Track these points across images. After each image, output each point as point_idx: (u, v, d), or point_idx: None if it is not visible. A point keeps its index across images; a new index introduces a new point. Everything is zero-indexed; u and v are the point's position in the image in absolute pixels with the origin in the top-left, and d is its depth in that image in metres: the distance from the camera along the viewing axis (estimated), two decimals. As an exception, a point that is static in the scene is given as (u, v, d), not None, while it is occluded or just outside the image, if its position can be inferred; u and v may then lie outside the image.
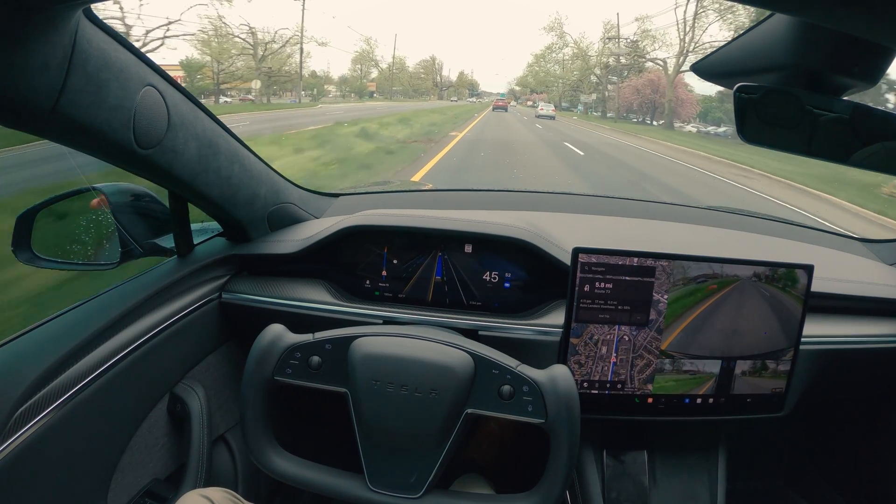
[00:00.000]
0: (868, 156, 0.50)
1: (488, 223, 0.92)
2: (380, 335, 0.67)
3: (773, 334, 0.82)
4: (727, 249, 1.08)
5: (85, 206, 0.79)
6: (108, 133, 0.57)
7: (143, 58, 0.61)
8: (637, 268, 0.79)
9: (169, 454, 0.83)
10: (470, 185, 5.90)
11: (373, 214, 0.96)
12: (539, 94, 34.93)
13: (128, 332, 0.74)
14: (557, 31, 28.41)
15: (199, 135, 0.73)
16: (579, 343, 0.81)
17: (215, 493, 0.65)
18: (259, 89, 22.20)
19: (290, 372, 0.66)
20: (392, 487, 0.64)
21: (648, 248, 0.80)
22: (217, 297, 0.92)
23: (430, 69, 41.05)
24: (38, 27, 0.44)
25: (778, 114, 0.49)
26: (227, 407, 0.96)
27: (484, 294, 0.94)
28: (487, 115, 22.92)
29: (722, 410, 0.85)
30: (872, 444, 1.13)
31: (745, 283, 0.80)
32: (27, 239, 0.75)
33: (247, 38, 21.31)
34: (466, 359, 0.65)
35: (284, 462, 0.67)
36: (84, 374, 0.66)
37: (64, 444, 0.64)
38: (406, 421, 0.63)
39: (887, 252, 1.15)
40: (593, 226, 1.18)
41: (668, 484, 0.92)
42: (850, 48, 0.44)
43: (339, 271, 0.96)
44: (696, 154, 12.61)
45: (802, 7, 0.31)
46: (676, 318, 0.81)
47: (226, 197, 0.84)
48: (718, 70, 0.54)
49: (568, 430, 0.62)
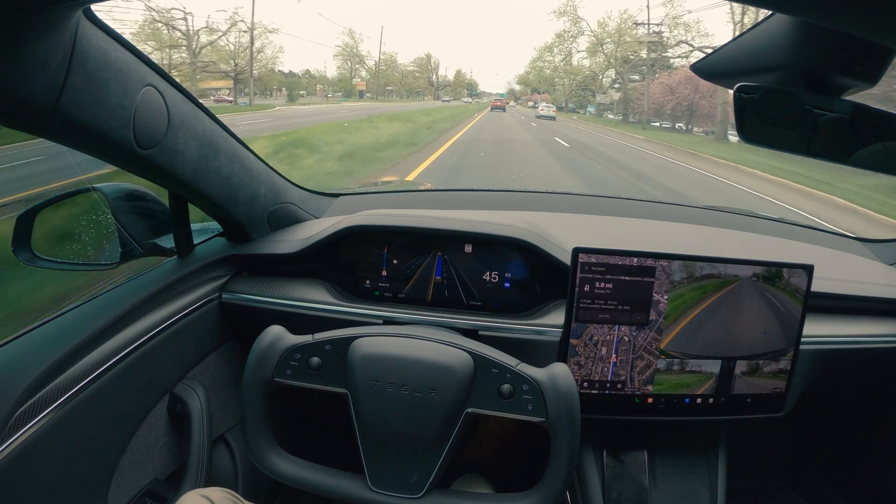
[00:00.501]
0: (868, 156, 0.50)
1: (488, 223, 0.92)
2: (379, 335, 0.67)
3: (773, 334, 0.82)
4: (727, 249, 1.08)
5: (85, 206, 0.79)
6: (108, 133, 0.57)
7: (143, 58, 0.61)
8: (637, 268, 0.79)
9: (169, 454, 0.83)
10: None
11: (373, 214, 0.96)
12: (542, 94, 33.50)
13: (128, 332, 0.74)
14: (571, 16, 26.03)
15: (199, 135, 0.73)
16: (579, 344, 0.81)
17: (215, 493, 0.65)
18: (234, 88, 20.37)
19: (290, 373, 0.66)
20: (393, 487, 0.64)
21: (648, 248, 0.80)
22: (217, 297, 0.92)
23: (426, 67, 38.88)
24: (38, 27, 0.44)
25: (778, 114, 0.49)
26: (227, 407, 0.96)
27: (484, 294, 0.94)
28: (484, 118, 20.88)
29: (722, 410, 0.85)
30: (872, 444, 1.13)
31: (745, 282, 0.80)
32: (27, 239, 0.75)
33: (168, 23, 17.76)
34: (466, 358, 0.65)
35: (285, 463, 0.66)
36: (84, 374, 0.66)
37: (64, 444, 0.64)
38: (406, 421, 0.63)
39: (887, 252, 1.15)
40: (593, 226, 1.18)
41: (668, 484, 0.92)
42: (850, 48, 0.44)
43: (339, 271, 0.96)
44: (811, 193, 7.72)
45: (802, 7, 0.31)
46: (676, 317, 0.81)
47: (226, 197, 0.84)
48: (718, 70, 0.54)
49: (568, 428, 0.62)
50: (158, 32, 17.86)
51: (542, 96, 32.94)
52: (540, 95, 33.89)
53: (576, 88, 28.32)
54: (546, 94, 32.48)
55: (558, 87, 29.95)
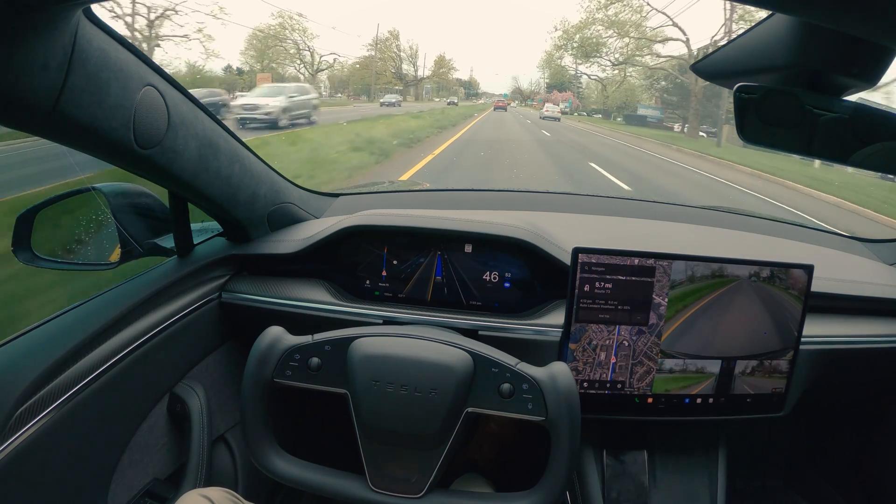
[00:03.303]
0: (868, 156, 0.50)
1: (488, 223, 0.92)
2: (379, 335, 0.67)
3: (773, 334, 0.82)
4: (727, 249, 1.08)
5: (85, 206, 0.79)
6: (108, 133, 0.57)
7: (143, 58, 0.61)
8: (637, 268, 0.79)
9: (169, 454, 0.83)
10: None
11: (372, 214, 0.96)
12: (562, 93, 27.85)
13: (128, 332, 0.73)
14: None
15: (199, 135, 0.73)
16: (577, 349, 0.81)
17: (215, 493, 0.66)
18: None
19: (290, 374, 0.66)
20: (393, 487, 0.64)
21: (648, 248, 0.80)
22: (217, 297, 0.92)
23: (389, 53, 24.37)
24: (38, 27, 0.44)
25: (778, 114, 0.49)
26: (227, 407, 0.96)
27: (484, 294, 0.94)
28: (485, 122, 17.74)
29: (722, 410, 0.85)
30: (872, 444, 1.13)
31: (745, 282, 0.80)
32: (27, 239, 0.75)
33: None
34: (466, 357, 0.65)
35: (285, 463, 0.66)
36: (84, 374, 0.66)
37: (64, 443, 0.64)
38: (406, 421, 0.63)
39: (887, 252, 1.15)
40: (593, 226, 1.18)
41: (668, 484, 0.92)
42: (850, 48, 0.44)
43: (339, 271, 0.96)
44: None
45: (802, 7, 0.31)
46: (676, 317, 0.80)
47: (226, 197, 0.84)
48: (718, 70, 0.54)
49: (568, 427, 0.62)
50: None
51: (564, 95, 28.37)
52: (561, 94, 28.68)
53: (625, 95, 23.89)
54: (568, 93, 27.94)
55: (587, 91, 25.17)
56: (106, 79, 0.54)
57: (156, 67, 0.63)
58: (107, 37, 0.54)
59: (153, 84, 0.63)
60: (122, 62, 0.57)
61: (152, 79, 0.63)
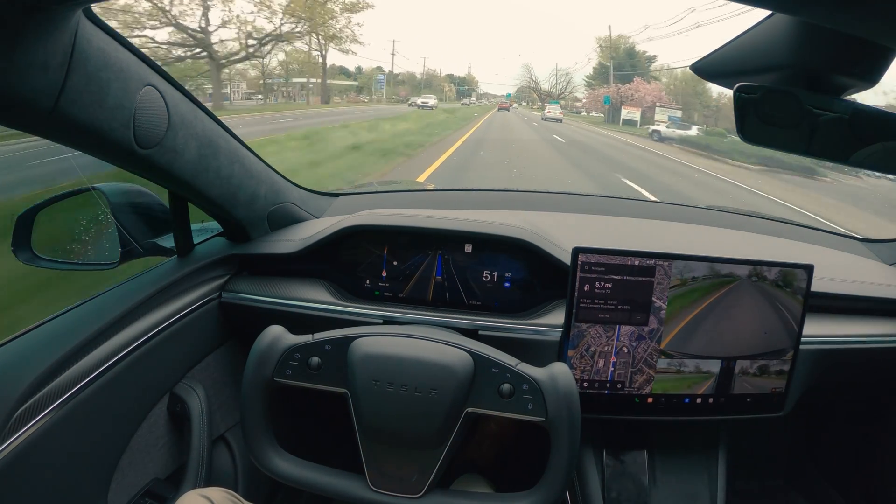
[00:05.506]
0: (868, 156, 0.50)
1: (488, 223, 0.92)
2: (379, 335, 0.67)
3: (773, 334, 0.82)
4: (727, 249, 1.08)
5: (85, 205, 0.79)
6: (108, 133, 0.57)
7: (144, 58, 0.61)
8: (637, 268, 0.79)
9: (169, 454, 0.83)
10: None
11: (373, 214, 0.96)
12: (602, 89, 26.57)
13: (128, 332, 0.73)
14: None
15: (199, 134, 0.73)
16: (574, 355, 0.80)
17: (215, 493, 0.65)
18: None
19: (290, 373, 0.66)
20: (393, 487, 0.64)
21: (648, 248, 0.80)
22: (217, 296, 0.92)
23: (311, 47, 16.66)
24: (38, 27, 0.44)
25: (778, 114, 0.49)
26: (227, 407, 0.96)
27: (484, 294, 0.94)
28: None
29: (722, 410, 0.85)
30: (872, 444, 1.13)
31: (745, 282, 0.80)
32: (27, 238, 0.75)
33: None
34: (466, 358, 0.65)
35: (285, 463, 0.66)
36: (84, 374, 0.66)
37: (64, 444, 0.64)
38: (406, 421, 0.63)
39: (887, 252, 1.15)
40: (593, 226, 1.18)
41: (668, 484, 0.92)
42: (850, 48, 0.44)
43: (339, 271, 0.96)
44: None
45: (802, 7, 0.31)
46: (676, 317, 0.80)
47: (226, 197, 0.84)
48: (718, 70, 0.54)
49: (568, 427, 0.62)
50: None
51: (605, 92, 28.11)
52: (608, 90, 28.20)
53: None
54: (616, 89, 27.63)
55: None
56: (106, 79, 0.54)
57: (156, 67, 0.63)
58: (107, 37, 0.54)
59: (153, 84, 0.63)
60: (122, 62, 0.57)
61: (152, 79, 0.63)
